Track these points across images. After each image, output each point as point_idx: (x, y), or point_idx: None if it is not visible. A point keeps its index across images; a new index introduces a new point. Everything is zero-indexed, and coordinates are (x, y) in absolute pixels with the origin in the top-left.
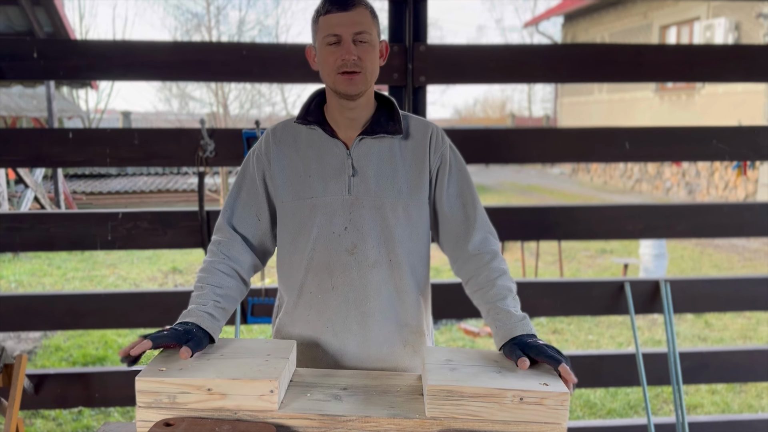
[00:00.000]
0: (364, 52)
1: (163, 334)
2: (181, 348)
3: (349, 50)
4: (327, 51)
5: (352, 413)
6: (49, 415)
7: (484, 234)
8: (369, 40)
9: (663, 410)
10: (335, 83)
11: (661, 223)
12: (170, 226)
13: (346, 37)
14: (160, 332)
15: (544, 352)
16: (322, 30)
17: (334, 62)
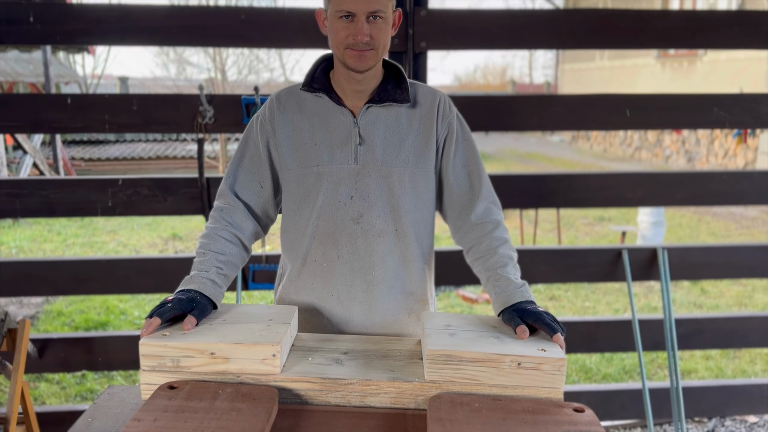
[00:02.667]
0: (377, 30)
1: (168, 307)
2: (186, 317)
3: (361, 30)
4: (338, 24)
5: (353, 377)
6: (53, 378)
7: (487, 204)
8: (384, 17)
9: (657, 375)
10: (344, 57)
11: (660, 191)
12: (170, 193)
13: (360, 15)
14: (163, 305)
15: (542, 320)
16: (335, 2)
17: (345, 37)
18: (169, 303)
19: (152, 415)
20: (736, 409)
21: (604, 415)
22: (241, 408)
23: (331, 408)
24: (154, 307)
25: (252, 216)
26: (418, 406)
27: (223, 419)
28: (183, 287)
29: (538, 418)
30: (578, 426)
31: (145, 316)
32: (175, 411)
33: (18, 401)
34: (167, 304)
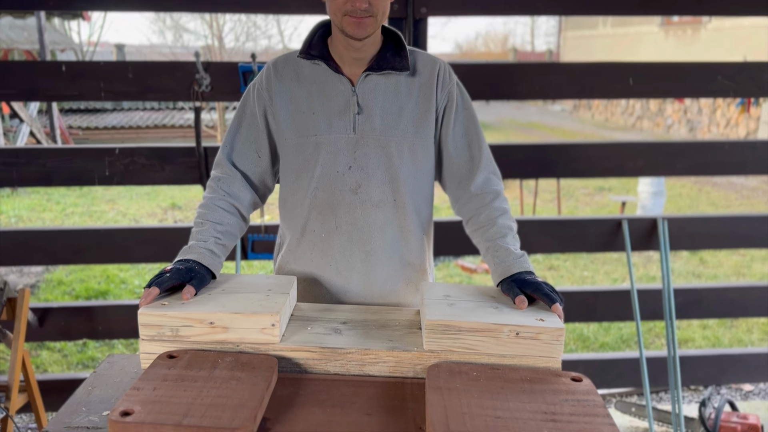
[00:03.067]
0: None
1: (166, 276)
2: (184, 287)
3: None
4: None
5: (352, 346)
6: (54, 346)
7: (487, 174)
8: None
9: (655, 344)
10: (342, 24)
11: (661, 160)
12: (168, 162)
13: None
14: (162, 275)
15: (540, 290)
16: None
17: (343, 4)
18: (168, 273)
19: (152, 384)
20: (732, 377)
21: (601, 384)
22: (241, 377)
23: (331, 376)
24: (153, 276)
25: (250, 186)
26: (416, 375)
27: (223, 388)
28: (181, 257)
29: (536, 387)
30: (576, 395)
31: (144, 285)
32: (174, 380)
33: (19, 369)
34: (166, 273)
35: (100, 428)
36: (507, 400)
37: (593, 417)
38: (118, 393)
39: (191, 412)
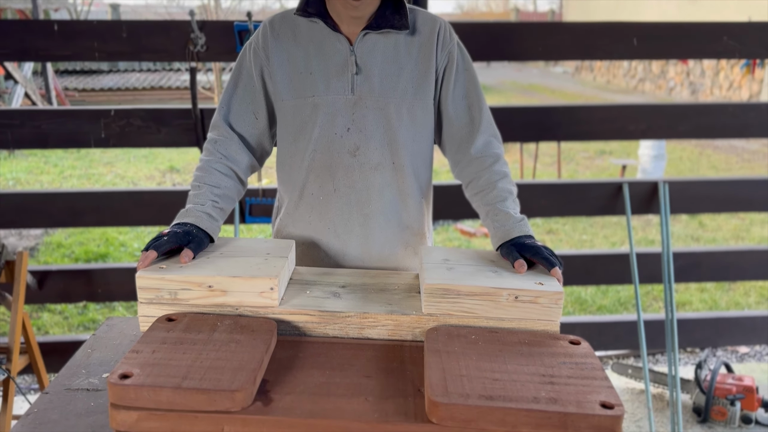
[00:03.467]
0: None
1: (164, 240)
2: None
3: None
4: None
5: (351, 310)
6: (55, 309)
7: (487, 137)
8: None
9: (652, 307)
10: None
11: (664, 123)
12: (163, 124)
13: None
14: (159, 238)
15: (540, 254)
16: None
17: None
18: (165, 236)
19: (151, 347)
20: (728, 340)
21: (598, 346)
22: (240, 339)
23: (330, 339)
24: (150, 240)
25: (247, 148)
26: (415, 338)
27: (222, 350)
28: (179, 221)
29: (534, 350)
30: (574, 358)
31: (142, 249)
32: (173, 343)
33: (19, 331)
34: (163, 237)
35: (100, 390)
36: (505, 362)
37: (591, 380)
38: (117, 355)
39: (190, 374)
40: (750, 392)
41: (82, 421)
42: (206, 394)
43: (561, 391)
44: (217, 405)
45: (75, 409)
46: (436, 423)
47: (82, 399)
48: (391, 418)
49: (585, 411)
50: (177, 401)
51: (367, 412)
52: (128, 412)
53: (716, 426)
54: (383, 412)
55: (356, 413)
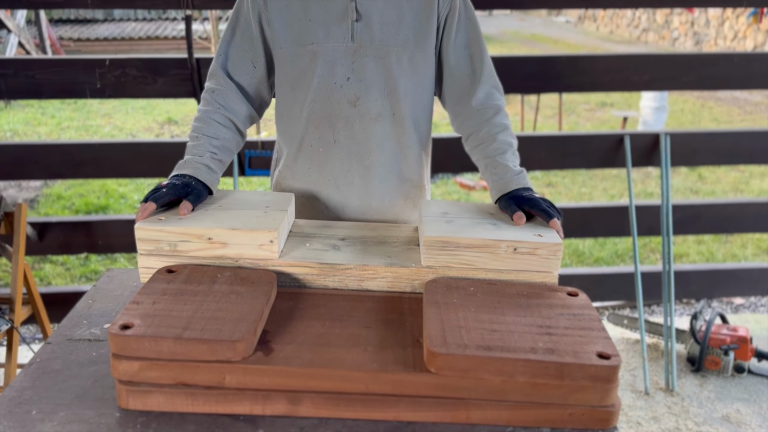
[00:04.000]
0: None
1: (163, 192)
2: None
3: None
4: None
5: (351, 262)
6: (57, 260)
7: (488, 88)
8: None
9: (649, 259)
10: None
11: (667, 73)
12: (159, 74)
13: None
14: (158, 190)
15: (538, 206)
16: None
17: None
18: (164, 188)
19: (151, 298)
20: (724, 291)
21: (595, 297)
22: (240, 291)
23: (329, 291)
24: (149, 191)
25: (245, 98)
26: (414, 290)
27: (223, 302)
28: (177, 172)
29: (532, 302)
30: (571, 309)
31: (141, 200)
32: (173, 294)
33: (21, 282)
34: (162, 188)
35: (102, 340)
36: (503, 314)
37: (588, 330)
38: (118, 306)
39: (191, 325)
40: (744, 342)
41: (85, 370)
42: (207, 344)
43: (558, 342)
44: (218, 355)
45: (77, 359)
46: (434, 372)
47: (84, 349)
48: (390, 368)
49: (582, 361)
50: (178, 351)
51: (367, 361)
52: (130, 362)
53: (709, 375)
54: (382, 361)
55: (356, 363)
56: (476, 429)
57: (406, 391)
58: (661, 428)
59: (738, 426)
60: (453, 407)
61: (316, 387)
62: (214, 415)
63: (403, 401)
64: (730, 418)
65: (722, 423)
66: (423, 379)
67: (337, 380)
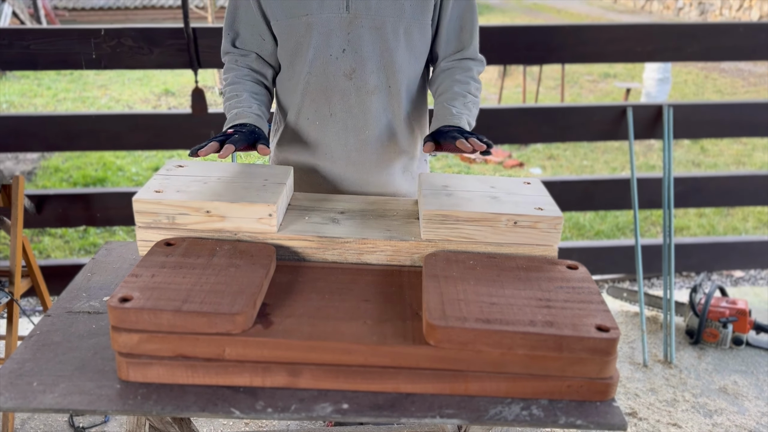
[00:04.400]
0: None
1: (236, 137)
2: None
3: None
4: None
5: (350, 235)
6: (55, 233)
7: (464, 59)
8: None
9: (650, 232)
10: None
11: (671, 44)
12: (155, 45)
13: None
14: (228, 135)
15: (450, 134)
16: None
17: None
18: (235, 134)
19: (150, 271)
20: (724, 264)
21: (594, 270)
22: (239, 264)
23: (329, 265)
24: (213, 137)
25: (267, 63)
26: (413, 264)
27: (222, 275)
28: (236, 122)
29: (532, 275)
30: (571, 282)
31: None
32: (172, 267)
33: (20, 254)
34: (233, 134)
35: (101, 313)
36: (503, 287)
37: (587, 303)
38: (117, 279)
39: (190, 298)
40: (743, 315)
41: (85, 342)
42: (206, 317)
43: (557, 315)
44: (217, 327)
45: (77, 331)
46: (433, 345)
47: (84, 321)
48: (390, 341)
49: (580, 334)
50: (177, 324)
51: (366, 334)
52: (129, 335)
53: (707, 347)
54: (381, 334)
55: (355, 336)
56: (475, 400)
57: (405, 363)
58: (659, 400)
59: (735, 397)
60: (452, 379)
61: (316, 359)
62: (214, 387)
63: (402, 373)
64: (727, 389)
65: (719, 394)
66: (422, 352)
67: (336, 353)
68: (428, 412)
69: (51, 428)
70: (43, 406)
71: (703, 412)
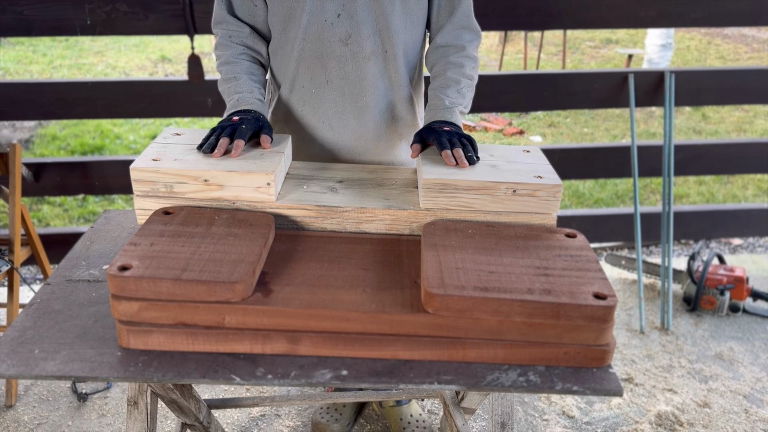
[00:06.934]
0: None
1: (243, 128)
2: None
3: None
4: None
5: (348, 204)
6: (54, 201)
7: (458, 29)
8: None
9: (649, 200)
10: None
11: (675, 9)
12: (151, 10)
13: None
14: (235, 126)
15: (438, 137)
16: None
17: None
18: (241, 123)
19: (149, 240)
20: (723, 232)
21: (593, 238)
22: (238, 233)
23: (327, 234)
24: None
25: (260, 38)
26: (412, 233)
27: (221, 244)
28: (239, 108)
29: (530, 244)
30: (569, 250)
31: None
32: (171, 236)
33: (19, 223)
34: (239, 124)
35: (101, 281)
36: (501, 255)
37: (585, 271)
38: (116, 247)
39: (190, 266)
40: (740, 282)
41: (85, 310)
42: (206, 285)
43: (555, 283)
44: (217, 296)
45: (77, 300)
46: (431, 313)
47: (84, 289)
48: (388, 308)
49: (578, 301)
50: (177, 292)
51: (365, 302)
52: (129, 303)
53: (704, 314)
54: (380, 302)
55: (354, 304)
56: (472, 367)
57: (404, 330)
58: (655, 366)
59: (731, 363)
60: (450, 346)
61: (315, 327)
62: (215, 354)
63: (401, 340)
64: (723, 355)
65: (715, 360)
66: (420, 319)
67: (335, 320)
68: (426, 378)
69: (54, 394)
70: (44, 374)
71: (698, 378)
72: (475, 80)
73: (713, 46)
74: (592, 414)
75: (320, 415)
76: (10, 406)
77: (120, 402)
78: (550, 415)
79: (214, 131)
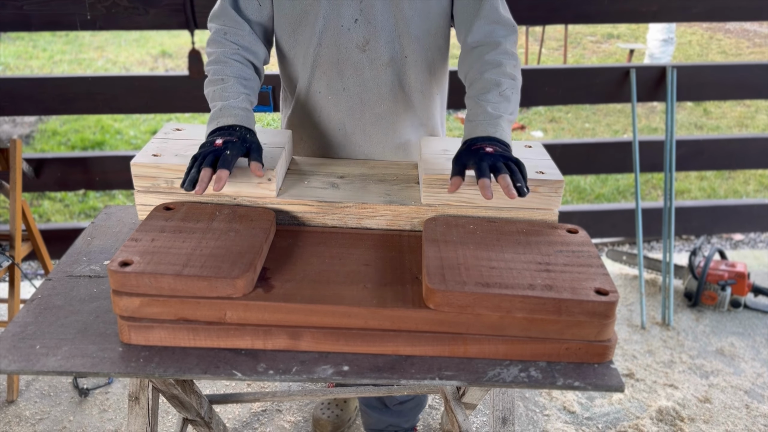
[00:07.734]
0: None
1: (227, 155)
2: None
3: None
4: None
5: (349, 200)
6: (55, 197)
7: (488, 25)
8: None
9: (651, 195)
10: None
11: (676, 3)
12: (151, 5)
13: None
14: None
15: (479, 163)
16: None
17: None
18: (225, 149)
19: (149, 236)
20: (724, 227)
21: (595, 234)
22: (239, 229)
23: (329, 229)
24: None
25: (259, 38)
26: (413, 228)
27: (222, 239)
28: (222, 124)
29: (532, 239)
30: (570, 246)
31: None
32: (172, 231)
33: (20, 218)
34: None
35: (102, 277)
36: (502, 251)
37: (587, 267)
38: (117, 243)
39: (191, 262)
40: (741, 278)
41: (86, 306)
42: (207, 281)
43: (556, 279)
44: (218, 291)
45: (78, 295)
46: (433, 308)
47: (85, 285)
48: (389, 304)
49: (579, 297)
50: (178, 288)
51: (366, 298)
52: (130, 299)
53: (705, 310)
54: (381, 298)
55: (355, 299)
56: (473, 362)
57: (405, 326)
58: (656, 361)
59: (732, 359)
60: (451, 341)
61: (316, 322)
62: (216, 350)
63: (402, 336)
64: (724, 351)
65: (716, 356)
66: (421, 315)
67: (336, 316)
68: (428, 373)
69: (55, 390)
70: (46, 369)
71: (699, 373)
72: (518, 80)
73: (715, 41)
74: (593, 409)
75: (321, 410)
76: (11, 402)
77: (121, 397)
78: (551, 411)
79: (195, 159)
